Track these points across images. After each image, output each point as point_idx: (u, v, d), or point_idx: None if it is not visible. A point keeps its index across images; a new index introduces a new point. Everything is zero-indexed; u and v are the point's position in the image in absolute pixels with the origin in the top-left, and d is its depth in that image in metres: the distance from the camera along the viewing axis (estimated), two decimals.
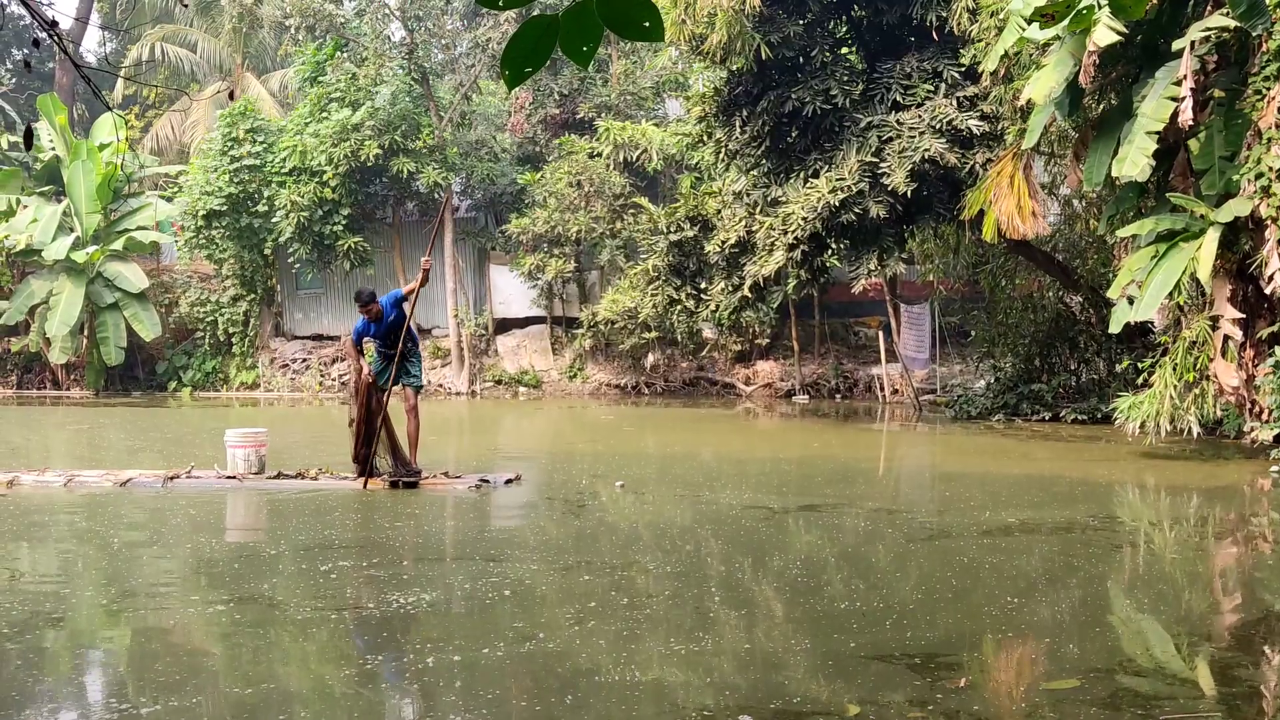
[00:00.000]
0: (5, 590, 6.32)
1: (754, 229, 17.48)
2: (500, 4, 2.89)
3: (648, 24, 2.70)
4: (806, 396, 23.36)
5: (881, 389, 22.95)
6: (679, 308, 21.19)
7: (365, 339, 10.33)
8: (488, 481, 10.16)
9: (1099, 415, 16.96)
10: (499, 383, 25.74)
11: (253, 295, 27.14)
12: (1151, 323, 14.28)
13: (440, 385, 25.47)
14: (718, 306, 18.92)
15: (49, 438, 16.98)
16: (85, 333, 26.85)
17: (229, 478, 10.36)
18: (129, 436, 16.81)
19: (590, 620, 5.47)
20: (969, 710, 4.16)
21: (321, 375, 27.02)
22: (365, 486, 9.95)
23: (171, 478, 10.39)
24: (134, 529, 8.48)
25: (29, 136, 5.36)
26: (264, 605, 5.92)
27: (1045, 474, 12.13)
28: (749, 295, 17.85)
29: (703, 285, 20.34)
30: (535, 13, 4.14)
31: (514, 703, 4.39)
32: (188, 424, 18.18)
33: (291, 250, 25.13)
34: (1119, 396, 14.28)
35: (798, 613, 5.68)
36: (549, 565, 6.89)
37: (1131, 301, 12.16)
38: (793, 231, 16.25)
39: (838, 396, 24.21)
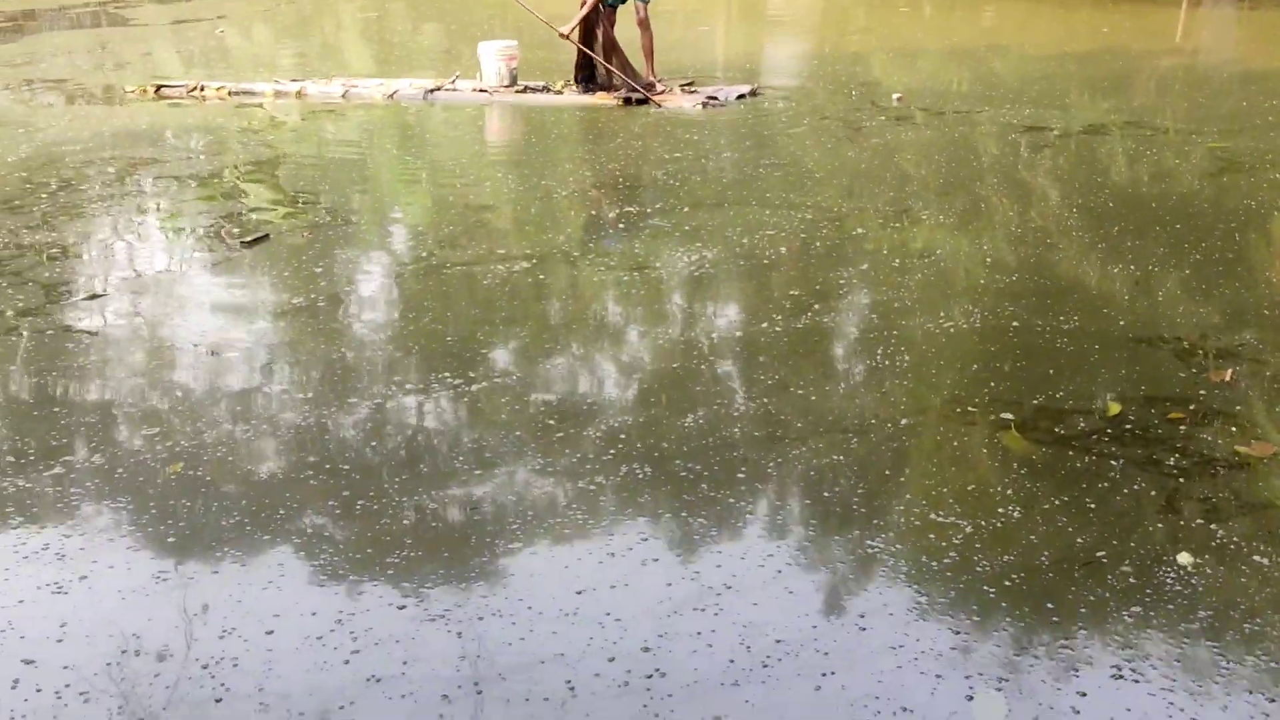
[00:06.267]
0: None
1: None
2: None
3: None
4: None
5: None
6: None
7: None
8: (716, 99, 10.23)
9: None
10: None
11: None
12: None
13: None
14: None
15: (341, 26, 17.71)
16: None
17: (481, 90, 10.86)
18: (414, 25, 17.38)
19: (872, 287, 5.76)
20: (1230, 413, 4.33)
21: None
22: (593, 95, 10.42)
23: (431, 90, 10.97)
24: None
25: None
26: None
27: None
28: None
29: None
30: None
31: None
32: (467, 6, 18.56)
33: None
34: None
35: (1071, 283, 5.78)
36: (826, 213, 7.10)
37: None
38: None
39: None
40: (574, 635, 3.19)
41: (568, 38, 10.49)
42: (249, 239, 6.75)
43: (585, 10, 10.32)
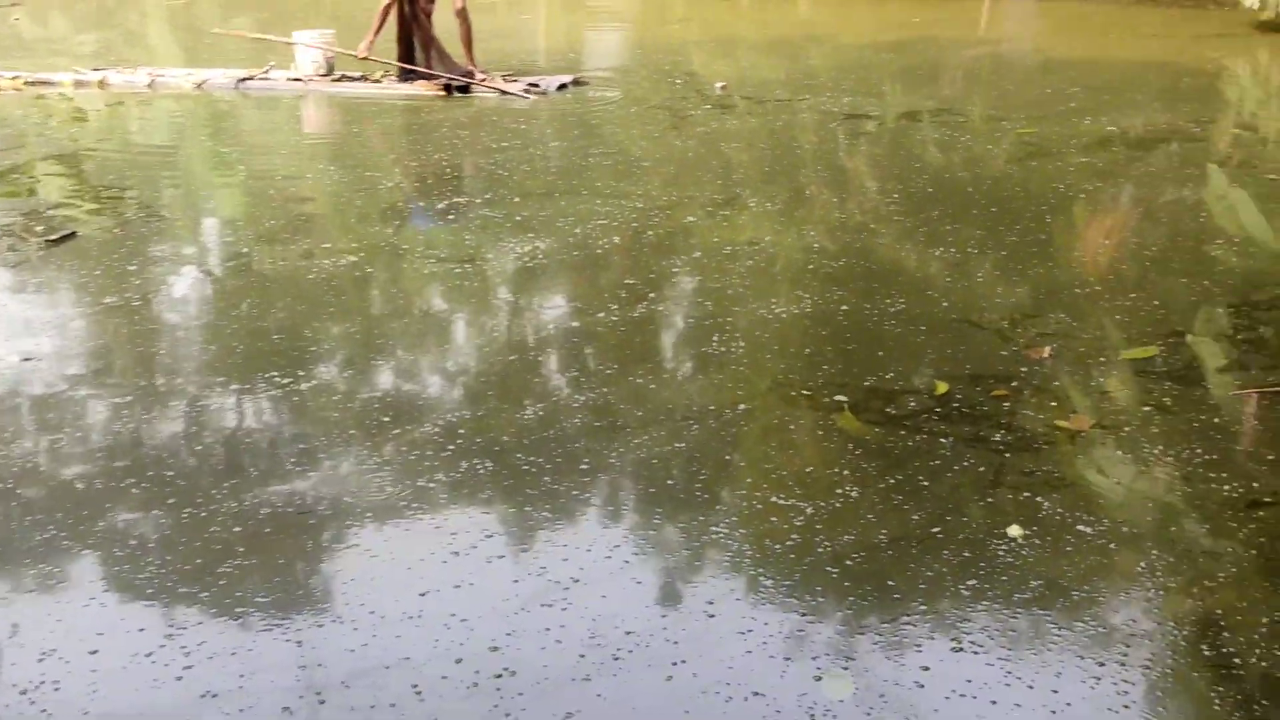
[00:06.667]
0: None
1: None
2: None
3: None
4: None
5: None
6: None
7: None
8: (537, 86, 10.19)
9: None
10: None
11: None
12: None
13: None
14: None
15: (146, 15, 17.02)
16: None
17: (295, 80, 10.57)
18: (225, 13, 16.81)
19: (705, 290, 5.80)
20: (1049, 389, 4.49)
21: None
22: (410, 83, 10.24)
23: (243, 80, 10.63)
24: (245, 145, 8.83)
25: None
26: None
27: (1153, 59, 11.83)
28: None
29: None
30: None
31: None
32: None
33: None
34: None
35: (894, 267, 5.93)
36: (656, 201, 7.12)
37: None
38: None
39: None
40: (419, 638, 3.12)
41: (368, 58, 10.29)
42: (54, 237, 6.42)
43: (379, 22, 10.15)
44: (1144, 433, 4.16)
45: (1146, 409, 4.34)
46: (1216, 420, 4.27)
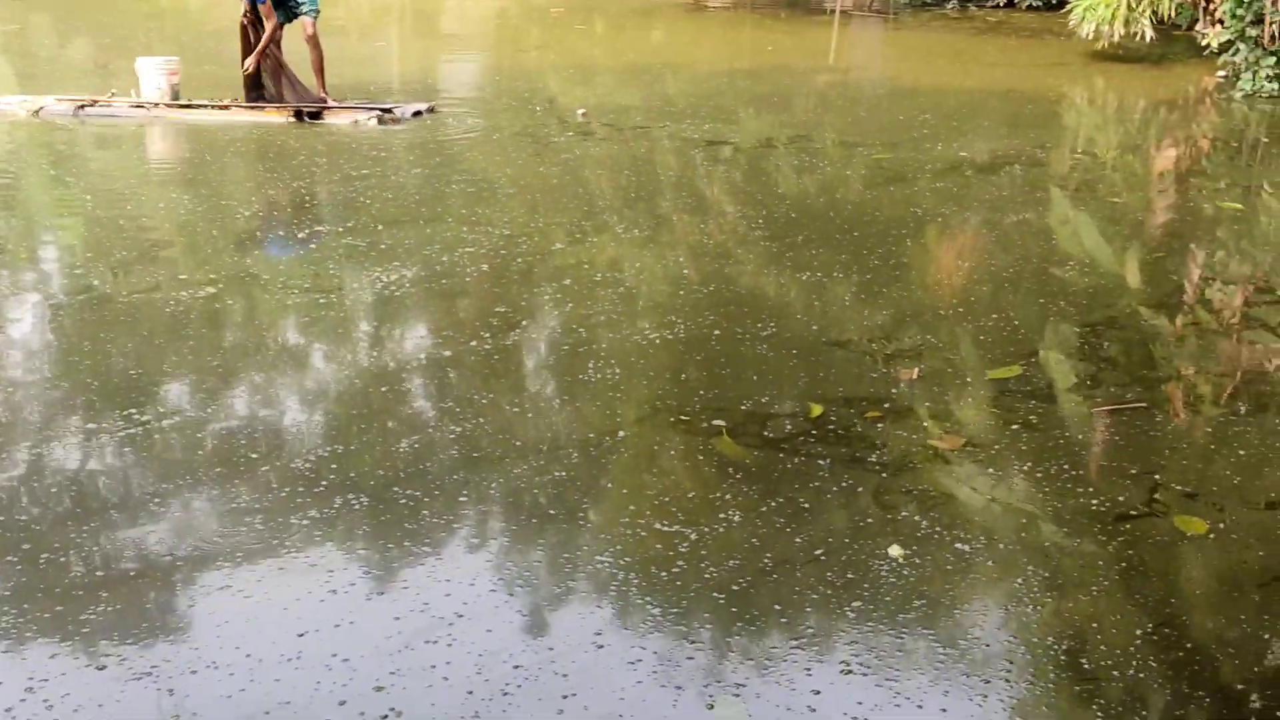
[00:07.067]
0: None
1: None
2: None
3: None
4: None
5: None
6: None
7: None
8: (390, 112, 10.07)
9: (1053, 1, 16.96)
10: None
11: None
12: None
13: None
14: None
15: None
16: None
17: (138, 106, 10.24)
18: (61, 38, 16.22)
19: (579, 331, 5.78)
20: (921, 408, 4.58)
21: None
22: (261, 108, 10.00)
23: (82, 106, 10.24)
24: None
25: None
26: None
27: (997, 87, 12.26)
28: None
29: None
30: None
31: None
32: (122, 20, 17.44)
33: None
34: None
35: (761, 291, 6.00)
36: (523, 228, 7.07)
37: None
38: None
39: None
40: (299, 681, 3.01)
41: (255, 71, 10.05)
42: None
43: (266, 40, 9.91)
44: (1013, 450, 4.27)
45: (1014, 427, 4.45)
46: (1080, 436, 4.41)
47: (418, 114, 10.23)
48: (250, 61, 9.99)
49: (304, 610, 3.30)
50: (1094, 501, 3.89)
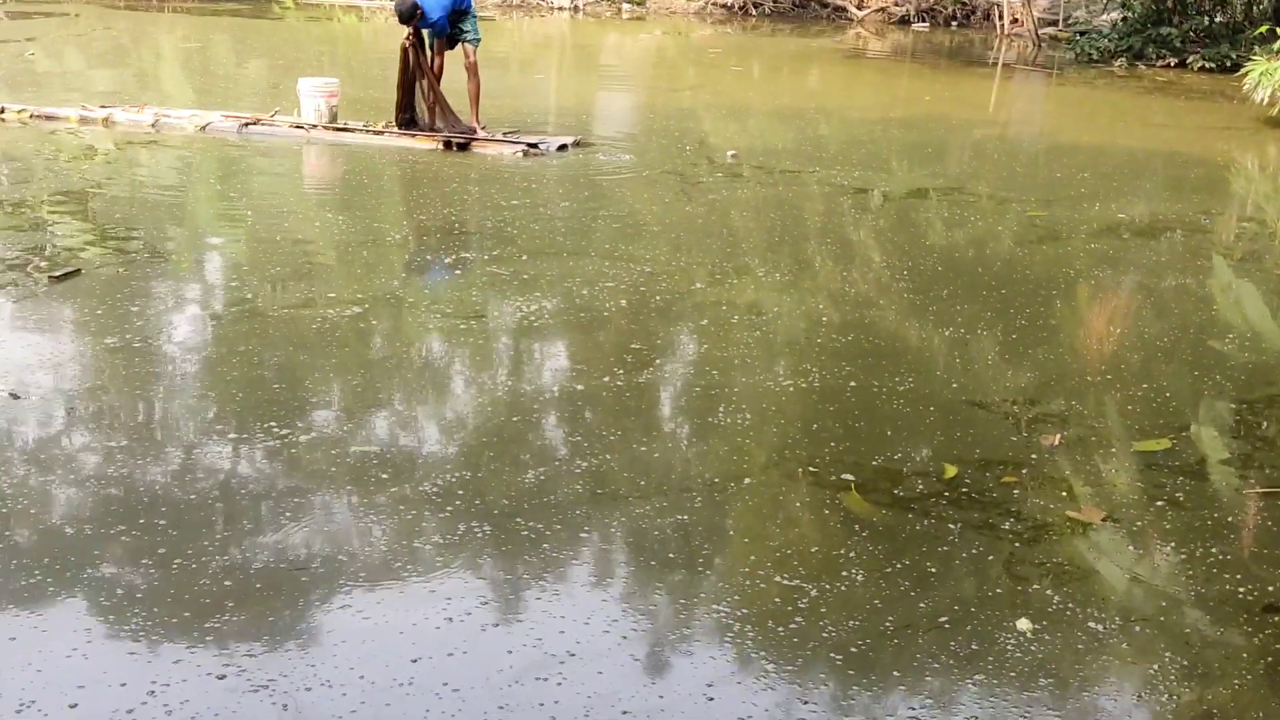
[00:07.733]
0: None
1: None
2: None
3: None
4: (926, 23, 23.12)
5: (1000, 18, 22.50)
6: None
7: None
8: (536, 146, 10.18)
9: (1227, 64, 16.42)
10: None
11: None
12: None
13: (543, 0, 25.08)
14: None
15: (161, 57, 17.09)
16: None
17: (297, 127, 10.57)
18: (238, 58, 16.89)
19: (713, 362, 5.75)
20: (1059, 477, 4.42)
21: None
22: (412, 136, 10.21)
23: (246, 124, 10.62)
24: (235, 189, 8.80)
25: None
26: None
27: (1161, 149, 11.88)
28: None
29: None
30: None
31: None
32: (296, 42, 18.09)
33: None
34: (1253, 51, 13.95)
35: (902, 345, 5.89)
36: (665, 266, 7.07)
37: None
38: None
39: (953, 24, 23.61)
40: (410, 707, 3.02)
41: (409, 96, 10.34)
42: (58, 274, 6.35)
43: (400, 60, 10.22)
44: (1156, 527, 4.09)
45: (1159, 503, 4.27)
46: (1230, 519, 4.20)
47: (563, 148, 10.35)
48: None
49: (419, 636, 3.32)
50: (1241, 589, 3.70)
